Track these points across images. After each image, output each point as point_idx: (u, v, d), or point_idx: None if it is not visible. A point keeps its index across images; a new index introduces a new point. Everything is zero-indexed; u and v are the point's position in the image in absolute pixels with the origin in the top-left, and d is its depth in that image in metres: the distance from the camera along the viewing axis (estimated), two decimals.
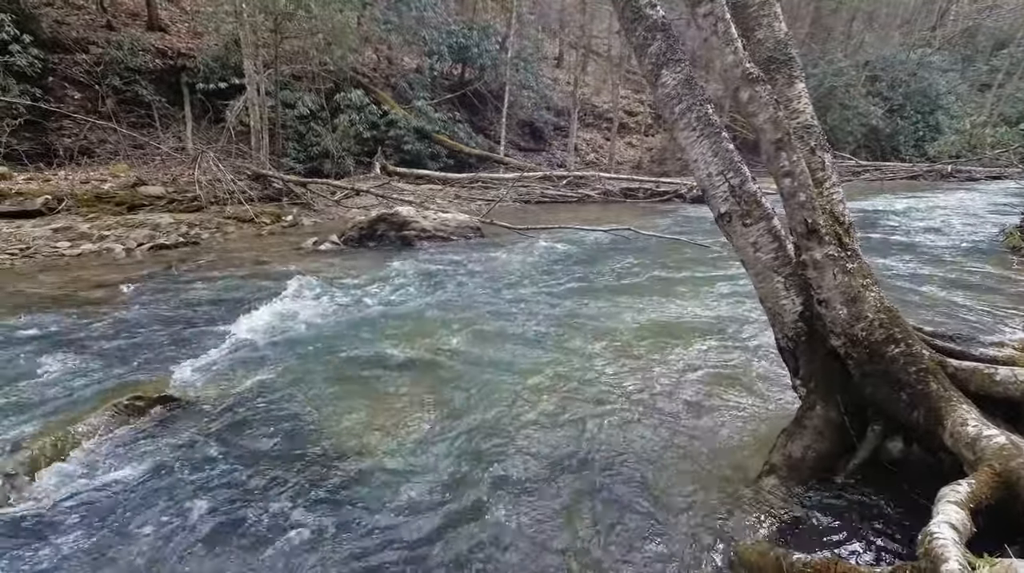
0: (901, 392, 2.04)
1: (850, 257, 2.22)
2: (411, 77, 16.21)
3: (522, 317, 4.62)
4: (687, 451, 2.64)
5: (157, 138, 11.82)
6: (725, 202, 2.44)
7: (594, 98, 22.02)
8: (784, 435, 2.29)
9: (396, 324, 4.40)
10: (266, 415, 2.95)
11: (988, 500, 1.43)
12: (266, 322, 4.32)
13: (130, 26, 12.70)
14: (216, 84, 11.98)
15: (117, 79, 11.55)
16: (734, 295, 5.16)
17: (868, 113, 24.25)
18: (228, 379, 3.34)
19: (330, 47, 13.41)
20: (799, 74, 2.43)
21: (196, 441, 2.68)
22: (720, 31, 2.25)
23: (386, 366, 3.58)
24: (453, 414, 2.97)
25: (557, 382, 3.37)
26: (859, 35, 26.76)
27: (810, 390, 2.40)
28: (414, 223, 7.82)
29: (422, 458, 2.58)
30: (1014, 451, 1.51)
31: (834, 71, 23.48)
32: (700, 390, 3.26)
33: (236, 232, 8.42)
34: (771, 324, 2.61)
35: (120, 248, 7.03)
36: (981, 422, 1.70)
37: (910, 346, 2.07)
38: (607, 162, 19.43)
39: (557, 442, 2.72)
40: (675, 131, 2.56)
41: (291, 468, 2.50)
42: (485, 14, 18.98)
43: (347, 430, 2.81)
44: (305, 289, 5.24)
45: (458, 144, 15.61)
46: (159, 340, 4.00)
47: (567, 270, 6.45)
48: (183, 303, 4.90)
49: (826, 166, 2.38)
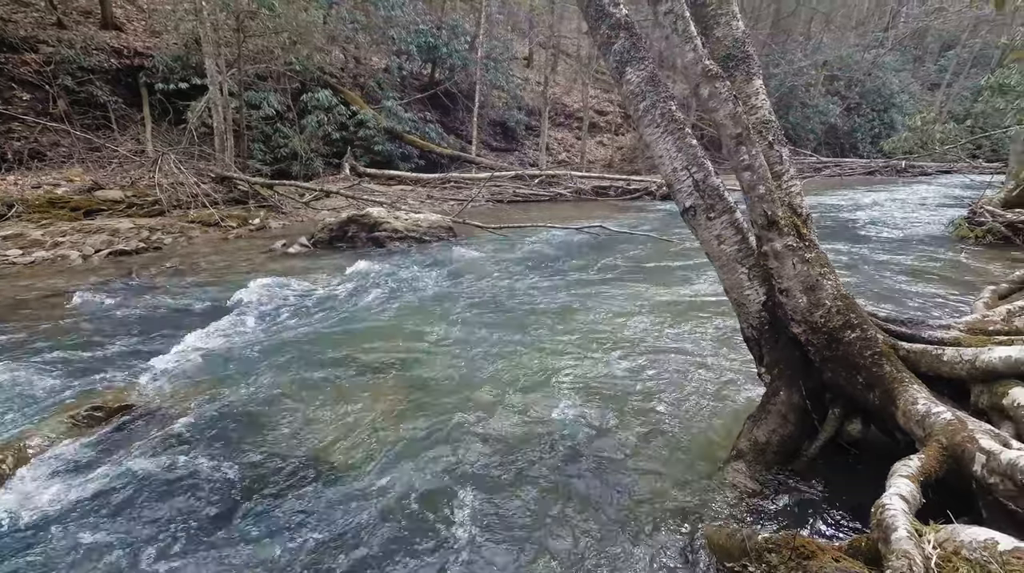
0: (858, 375, 2.14)
1: (808, 247, 2.30)
2: (380, 77, 16.01)
3: (494, 316, 4.63)
4: (656, 441, 2.69)
5: (114, 140, 11.35)
6: (690, 196, 2.50)
7: (564, 98, 22.17)
8: (750, 421, 2.37)
9: (366, 327, 4.34)
10: (230, 422, 2.87)
11: (937, 472, 1.51)
12: (232, 328, 4.21)
13: (82, 24, 12.16)
14: (176, 84, 11.58)
15: (69, 79, 11.05)
16: (700, 287, 5.28)
17: (827, 111, 25.14)
18: (191, 387, 3.25)
19: (296, 46, 13.13)
20: (756, 71, 2.51)
21: (158, 451, 2.60)
22: (680, 29, 2.31)
23: (356, 371, 3.53)
24: (422, 417, 2.95)
25: (527, 379, 3.38)
26: (817, 36, 27.72)
27: (774, 377, 2.48)
28: (385, 224, 7.74)
29: (391, 464, 2.55)
30: (959, 426, 1.60)
31: (794, 71, 24.25)
32: (668, 380, 3.33)
33: (201, 236, 8.17)
34: (736, 314, 2.68)
35: (76, 255, 6.73)
36: (930, 400, 1.79)
37: (865, 331, 2.17)
38: (579, 161, 19.59)
39: (525, 437, 2.73)
40: (640, 127, 2.61)
41: (254, 476, 2.44)
42: (454, 13, 18.87)
43: (313, 436, 2.76)
44: (272, 293, 5.13)
45: (429, 144, 15.50)
46: (119, 349, 3.85)
47: (540, 268, 6.49)
48: (145, 310, 4.73)
49: (784, 160, 2.46)
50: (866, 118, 26.92)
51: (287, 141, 12.80)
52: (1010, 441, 1.52)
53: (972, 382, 1.92)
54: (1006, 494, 1.40)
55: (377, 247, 7.59)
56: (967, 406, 1.94)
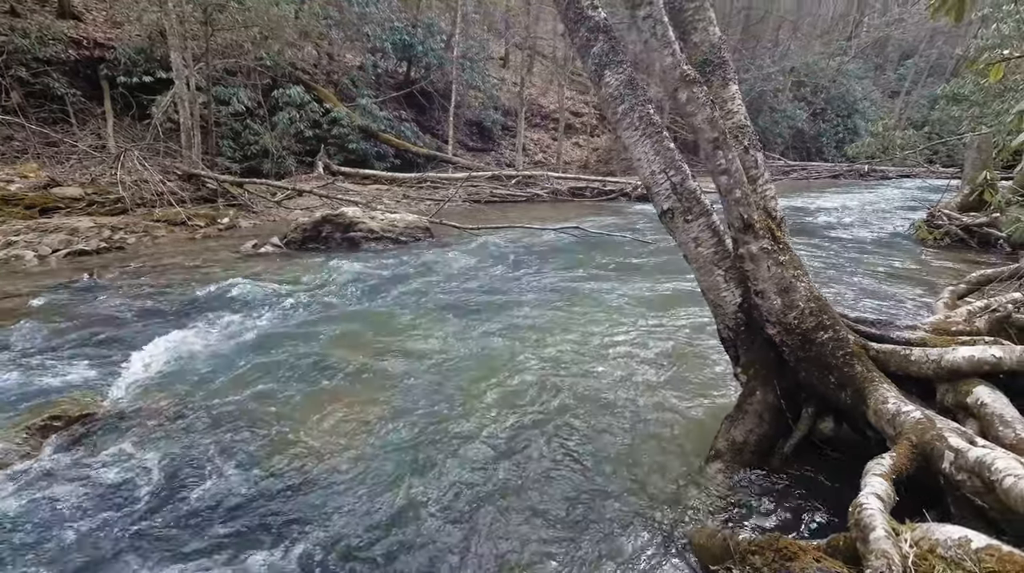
0: (830, 375, 2.19)
1: (782, 250, 2.35)
2: (354, 75, 15.75)
3: (469, 318, 4.59)
4: (634, 443, 2.71)
5: (73, 135, 10.86)
6: (667, 199, 2.53)
7: (541, 99, 22.25)
8: (727, 421, 2.40)
9: (339, 330, 4.24)
10: (194, 429, 2.76)
11: (908, 470, 1.56)
12: (198, 332, 4.06)
13: (38, 13, 11.58)
14: (140, 78, 11.16)
15: (23, 70, 10.51)
16: (676, 287, 5.36)
17: (794, 116, 25.95)
18: (155, 393, 3.11)
19: (267, 41, 12.79)
20: (732, 76, 2.55)
21: (119, 460, 2.48)
22: (659, 34, 2.32)
23: (331, 375, 3.44)
24: (395, 421, 2.89)
25: (504, 381, 3.36)
26: (785, 43, 28.58)
27: (750, 377, 2.53)
28: (361, 224, 7.61)
29: (369, 470, 2.50)
30: (928, 425, 1.65)
31: (763, 76, 24.94)
32: (646, 381, 3.36)
33: (167, 236, 7.88)
34: (713, 315, 2.72)
35: (31, 255, 6.41)
36: (899, 399, 1.85)
37: (837, 332, 2.22)
38: (555, 162, 19.69)
39: (502, 439, 2.71)
40: (619, 130, 2.62)
41: (220, 486, 2.35)
42: (429, 12, 18.72)
43: (282, 444, 2.68)
44: (241, 295, 4.97)
45: (405, 143, 15.33)
46: (79, 355, 3.66)
47: (517, 269, 6.48)
48: (105, 314, 4.52)
49: (759, 164, 2.51)
50: (831, 123, 27.89)
51: (258, 138, 12.48)
52: (976, 439, 1.58)
53: (938, 381, 1.99)
54: (973, 490, 1.46)
55: (352, 248, 7.45)
56: (934, 404, 2.01)
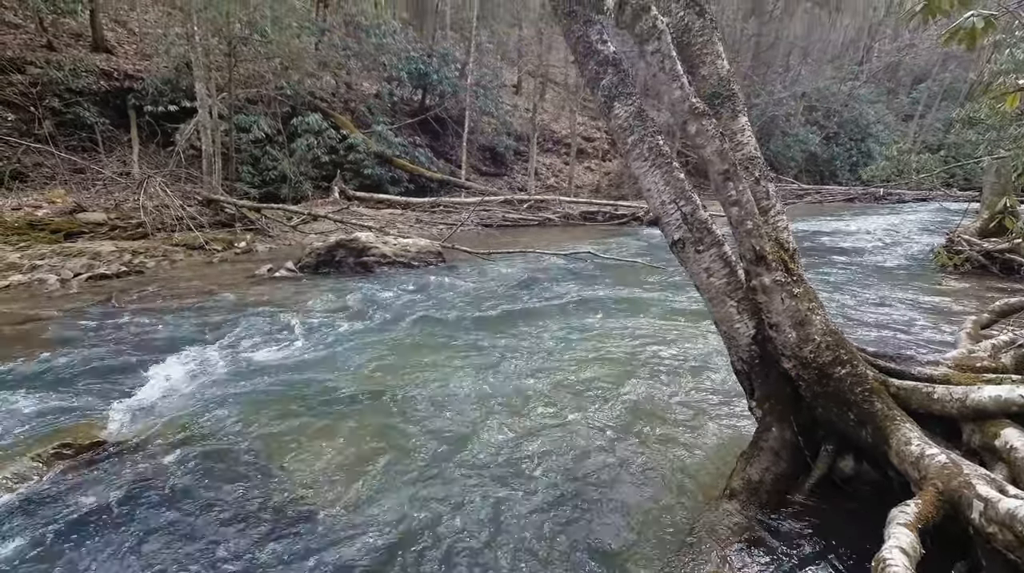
0: (849, 412, 2.12)
1: (796, 282, 2.31)
2: (371, 102, 16.17)
3: (482, 347, 4.56)
4: (647, 479, 2.63)
5: (100, 162, 11.24)
6: (678, 229, 2.51)
7: (552, 124, 22.57)
8: (743, 458, 2.32)
9: (351, 358, 4.25)
10: (207, 458, 2.76)
11: (934, 519, 1.48)
12: (212, 357, 4.09)
13: (73, 47, 12.18)
14: (166, 107, 11.58)
15: (56, 100, 10.99)
16: (691, 317, 5.29)
17: (807, 140, 25.90)
18: (168, 421, 3.12)
19: (287, 71, 13.25)
20: (742, 108, 2.55)
21: (128, 489, 2.47)
22: (667, 68, 2.35)
23: (340, 404, 3.43)
24: (407, 455, 2.85)
25: (515, 412, 3.31)
26: (795, 69, 28.75)
27: (765, 412, 2.46)
28: (374, 249, 7.69)
29: (373, 504, 2.45)
30: (955, 470, 1.58)
31: (775, 101, 25.04)
32: (659, 415, 3.28)
33: (185, 260, 8.04)
34: (727, 347, 2.67)
35: (54, 279, 6.57)
36: (923, 441, 1.78)
37: (855, 367, 2.16)
38: (567, 186, 19.83)
39: (510, 472, 2.66)
40: (629, 160, 2.64)
41: (231, 517, 2.33)
42: (444, 42, 19.27)
43: (295, 475, 2.66)
44: (255, 321, 5.02)
45: (419, 168, 15.59)
46: (94, 379, 3.71)
47: (527, 295, 6.46)
48: (122, 338, 4.59)
49: (770, 195, 2.49)
50: (844, 147, 27.77)
51: (276, 164, 12.79)
52: (1006, 487, 1.49)
53: (963, 421, 1.91)
54: (1005, 544, 1.37)
55: (365, 272, 7.52)
56: (959, 445, 1.93)
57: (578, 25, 2.69)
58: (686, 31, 2.50)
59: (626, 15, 2.44)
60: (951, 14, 2.63)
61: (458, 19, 21.51)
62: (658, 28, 2.35)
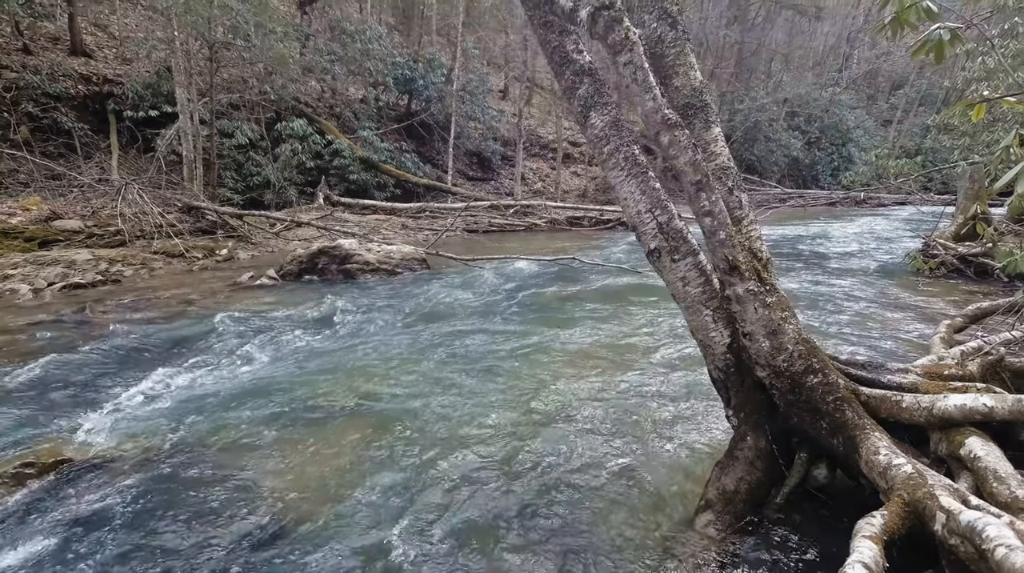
0: (821, 421, 2.13)
1: (769, 291, 2.32)
2: (356, 107, 16.09)
3: (465, 355, 4.54)
4: (622, 491, 2.62)
5: (77, 168, 11.02)
6: (654, 238, 2.52)
7: (539, 129, 22.66)
8: (718, 468, 2.33)
9: (332, 368, 4.19)
10: (178, 476, 2.69)
11: (900, 530, 1.49)
12: (186, 369, 4.01)
13: (50, 51, 11.96)
14: (146, 112, 11.39)
15: (32, 105, 10.77)
16: (671, 324, 5.31)
17: (789, 145, 26.31)
18: (140, 436, 3.05)
19: (271, 76, 13.13)
20: (715, 119, 2.57)
21: (95, 511, 2.40)
22: (640, 79, 2.35)
23: (317, 416, 3.38)
24: (385, 468, 2.81)
25: (494, 424, 3.29)
26: (778, 75, 29.25)
27: (740, 420, 2.47)
28: (357, 256, 7.63)
29: (349, 519, 2.41)
30: (920, 481, 1.59)
31: (758, 107, 25.40)
32: (638, 422, 3.28)
33: (164, 268, 7.91)
34: (703, 356, 2.68)
35: (27, 288, 6.41)
36: (891, 450, 1.79)
37: (827, 376, 2.18)
38: (553, 191, 19.89)
39: (488, 488, 2.63)
40: (605, 170, 2.65)
41: (201, 538, 2.27)
42: (430, 47, 19.28)
43: (273, 490, 2.61)
44: (233, 330, 4.94)
45: (405, 173, 15.53)
46: (62, 393, 3.62)
47: (512, 302, 6.45)
48: (94, 349, 4.48)
49: (743, 205, 2.51)
50: (826, 152, 28.26)
51: (260, 170, 12.66)
52: (969, 497, 1.51)
53: (931, 429, 1.93)
54: (966, 556, 1.39)
55: (348, 279, 7.46)
56: (928, 453, 1.95)
57: (554, 35, 2.70)
58: (659, 42, 2.51)
59: (599, 26, 2.44)
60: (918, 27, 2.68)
61: (444, 25, 21.54)
62: (630, 40, 2.35)
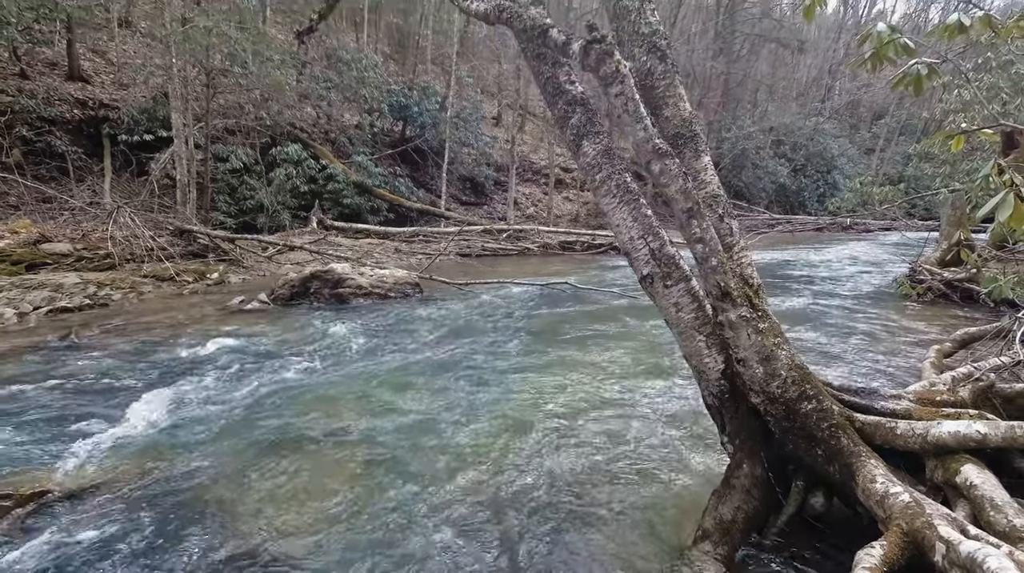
0: (816, 448, 2.12)
1: (761, 317, 2.34)
2: (351, 133, 16.29)
3: (457, 382, 4.49)
4: (618, 520, 2.57)
5: (69, 191, 10.99)
6: (647, 265, 2.54)
7: (532, 155, 23.02)
8: (715, 497, 2.30)
9: (322, 395, 4.12)
10: (162, 507, 2.61)
11: (900, 561, 1.47)
12: (172, 396, 3.93)
13: (47, 75, 12.06)
14: (141, 136, 11.44)
15: (26, 129, 10.79)
16: (666, 349, 5.31)
17: (776, 172, 26.95)
18: (122, 466, 2.96)
19: (267, 102, 13.30)
20: (704, 148, 2.63)
21: (67, 544, 2.31)
22: (631, 110, 2.41)
23: (304, 445, 3.30)
24: (375, 500, 2.73)
25: (484, 452, 3.23)
26: (763, 105, 30.15)
27: (736, 447, 2.45)
28: (349, 280, 7.60)
29: (322, 556, 2.34)
30: (917, 510, 1.58)
31: (745, 135, 26.07)
32: (631, 448, 3.25)
33: (154, 292, 7.82)
34: (697, 381, 2.67)
35: (11, 312, 6.29)
36: (888, 478, 1.78)
37: (821, 402, 2.18)
38: (546, 215, 20.09)
39: (482, 515, 2.58)
40: (598, 196, 2.68)
41: (181, 569, 2.19)
42: (425, 75, 19.69)
43: (260, 522, 2.53)
44: (222, 356, 4.87)
45: (399, 198, 15.64)
46: (44, 421, 3.52)
47: (505, 327, 6.43)
48: (78, 376, 4.38)
49: (734, 232, 2.55)
50: (812, 178, 28.95)
51: (254, 193, 12.68)
52: (967, 527, 1.50)
53: (926, 456, 1.93)
54: None
55: (340, 304, 7.41)
56: (923, 480, 1.94)
57: (547, 67, 2.78)
58: (649, 75, 2.59)
59: (591, 59, 2.51)
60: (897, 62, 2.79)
61: (439, 54, 22.07)
62: (621, 72, 2.42)
